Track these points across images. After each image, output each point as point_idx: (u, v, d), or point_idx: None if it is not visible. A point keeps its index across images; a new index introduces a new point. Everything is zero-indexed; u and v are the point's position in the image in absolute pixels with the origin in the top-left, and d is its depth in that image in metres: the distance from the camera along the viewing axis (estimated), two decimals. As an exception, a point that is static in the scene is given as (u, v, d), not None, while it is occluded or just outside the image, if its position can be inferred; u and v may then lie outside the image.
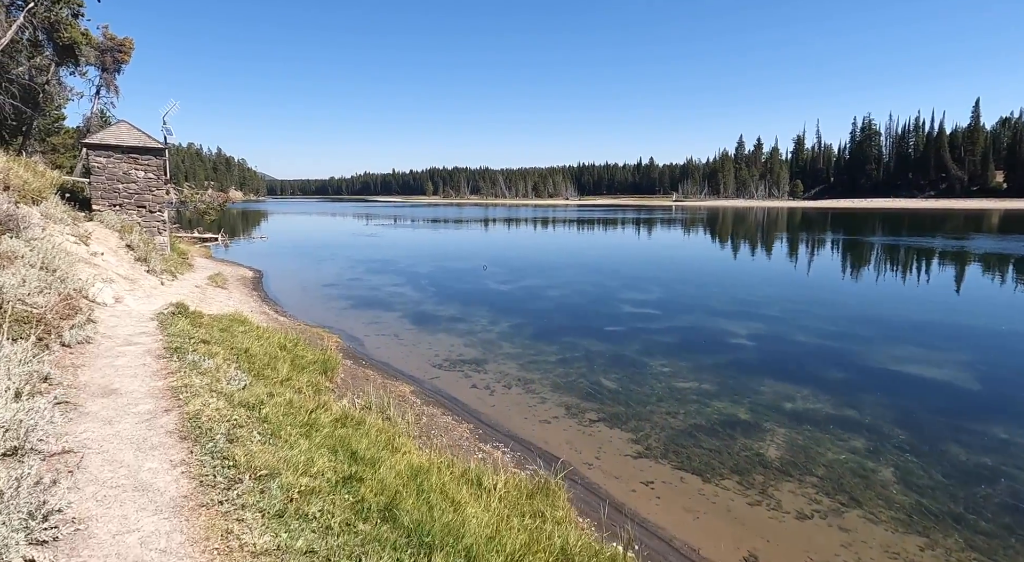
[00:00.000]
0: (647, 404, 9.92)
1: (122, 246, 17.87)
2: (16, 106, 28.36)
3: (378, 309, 17.97)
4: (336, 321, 16.16)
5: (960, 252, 33.30)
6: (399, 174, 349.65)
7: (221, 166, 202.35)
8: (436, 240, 46.91)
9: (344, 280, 23.85)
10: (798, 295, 20.69)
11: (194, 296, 16.68)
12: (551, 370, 11.85)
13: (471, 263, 29.91)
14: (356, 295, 20.29)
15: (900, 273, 26.63)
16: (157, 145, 22.12)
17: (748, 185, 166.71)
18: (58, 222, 16.07)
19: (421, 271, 26.72)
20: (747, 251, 37.46)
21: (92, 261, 14.98)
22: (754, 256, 34.56)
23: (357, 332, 14.97)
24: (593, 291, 21.49)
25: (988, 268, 27.45)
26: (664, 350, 13.38)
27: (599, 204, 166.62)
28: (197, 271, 22.47)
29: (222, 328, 10.71)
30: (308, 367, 9.47)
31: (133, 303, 13.32)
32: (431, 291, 21.23)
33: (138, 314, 10.87)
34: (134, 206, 21.93)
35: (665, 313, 17.50)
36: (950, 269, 27.44)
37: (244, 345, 9.35)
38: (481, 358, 12.71)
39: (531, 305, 18.83)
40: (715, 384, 10.96)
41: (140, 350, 7.70)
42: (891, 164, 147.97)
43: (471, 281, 23.87)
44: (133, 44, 34.30)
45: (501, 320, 16.49)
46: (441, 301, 19.35)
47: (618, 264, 29.76)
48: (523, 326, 15.79)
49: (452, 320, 16.49)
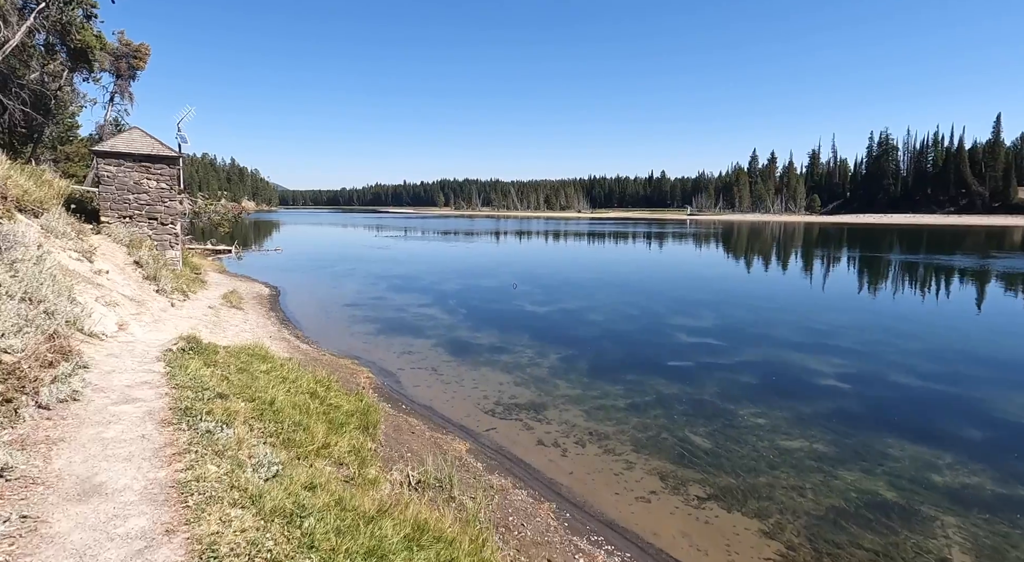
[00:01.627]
0: (759, 473, 8.04)
1: (130, 263, 16.31)
2: (26, 112, 27.18)
3: (408, 335, 16.22)
4: (364, 350, 14.42)
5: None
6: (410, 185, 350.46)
7: (235, 176, 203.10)
8: (455, 254, 45.27)
9: (367, 299, 22.16)
10: (868, 322, 18.71)
11: (207, 319, 15.04)
12: (624, 420, 10.00)
13: (498, 280, 28.16)
14: (382, 317, 18.57)
15: (973, 299, 24.54)
16: (171, 153, 20.67)
17: (764, 199, 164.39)
18: (60, 236, 14.53)
19: (447, 289, 25.00)
20: (787, 270, 35.45)
21: (95, 280, 13.38)
22: (797, 275, 32.54)
23: (389, 364, 13.20)
24: (638, 316, 19.63)
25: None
26: (747, 393, 11.48)
27: (611, 217, 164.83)
28: (210, 288, 20.88)
29: (240, 367, 9.00)
30: (346, 423, 7.69)
31: (139, 331, 11.67)
32: (462, 313, 19.47)
33: (143, 348, 9.18)
34: (145, 218, 20.45)
35: (729, 344, 15.60)
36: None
37: (268, 394, 7.61)
38: (538, 401, 10.88)
39: (575, 332, 17.00)
40: (829, 444, 9.06)
41: (140, 411, 5.97)
42: (909, 179, 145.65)
43: (503, 301, 22.10)
44: (149, 50, 33.25)
45: (548, 351, 14.68)
46: (476, 326, 17.57)
47: (655, 283, 27.88)
48: (574, 359, 13.96)
49: (493, 350, 14.70)
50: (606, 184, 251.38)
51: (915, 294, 25.47)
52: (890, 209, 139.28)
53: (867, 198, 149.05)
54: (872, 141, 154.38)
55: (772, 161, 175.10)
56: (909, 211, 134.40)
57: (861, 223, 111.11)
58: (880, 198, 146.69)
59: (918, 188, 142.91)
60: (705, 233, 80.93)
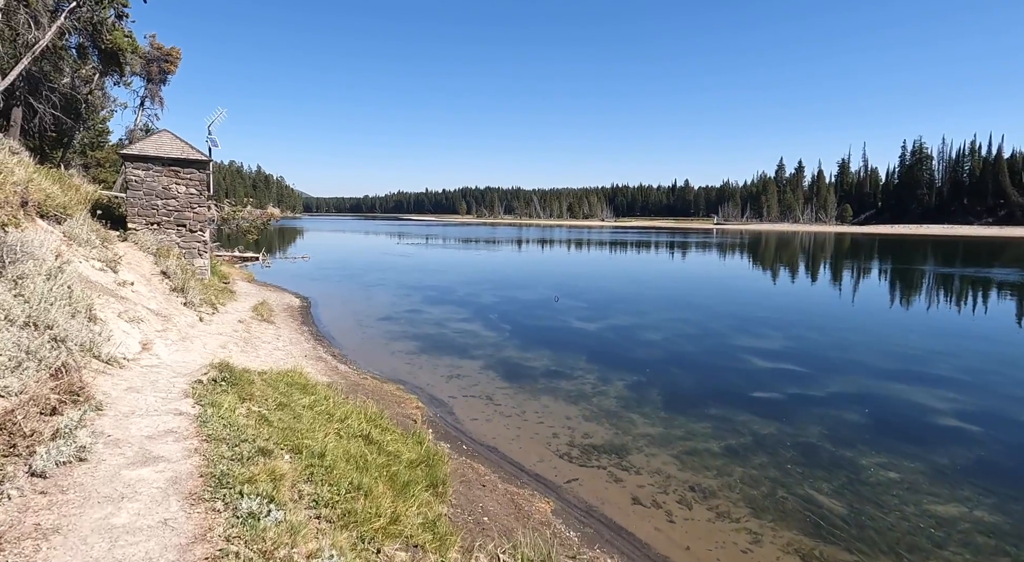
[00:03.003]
0: (926, 554, 6.37)
1: (156, 273, 15.21)
2: (57, 116, 26.65)
3: (453, 354, 14.79)
4: (408, 372, 13.02)
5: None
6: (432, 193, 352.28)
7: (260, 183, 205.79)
8: (486, 263, 43.94)
9: (402, 312, 20.84)
10: (958, 347, 16.75)
11: (238, 335, 13.82)
12: (726, 470, 8.39)
13: (536, 293, 26.66)
14: (421, 334, 17.18)
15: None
16: (201, 157, 19.70)
17: (793, 209, 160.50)
18: (83, 244, 13.46)
19: (485, 302, 23.57)
20: (839, 283, 33.28)
21: (119, 293, 12.24)
22: (852, 290, 30.39)
23: (439, 391, 11.76)
24: (699, 335, 17.93)
25: None
26: (860, 436, 9.77)
27: (635, 226, 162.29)
28: (240, 299, 19.78)
29: (280, 401, 7.65)
30: (412, 481, 6.24)
31: (164, 351, 10.43)
32: (506, 329, 17.99)
33: (168, 377, 7.88)
34: (173, 225, 19.46)
35: (811, 371, 13.85)
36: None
37: (316, 442, 6.22)
38: (616, 442, 9.33)
39: (634, 354, 15.40)
40: (994, 510, 7.33)
41: (163, 478, 4.59)
42: (944, 189, 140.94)
43: (547, 316, 20.58)
44: (180, 54, 32.71)
45: (610, 376, 13.11)
46: (524, 344, 16.07)
47: (704, 298, 26.09)
48: (642, 387, 12.36)
49: (549, 375, 13.18)
50: (628, 192, 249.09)
51: (991, 312, 23.27)
52: (923, 220, 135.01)
53: (900, 208, 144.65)
54: (905, 150, 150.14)
55: (799, 170, 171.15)
56: (944, 222, 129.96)
57: (896, 234, 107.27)
58: (913, 208, 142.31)
59: (954, 198, 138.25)
60: (735, 243, 78.48)
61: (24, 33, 21.47)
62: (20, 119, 25.60)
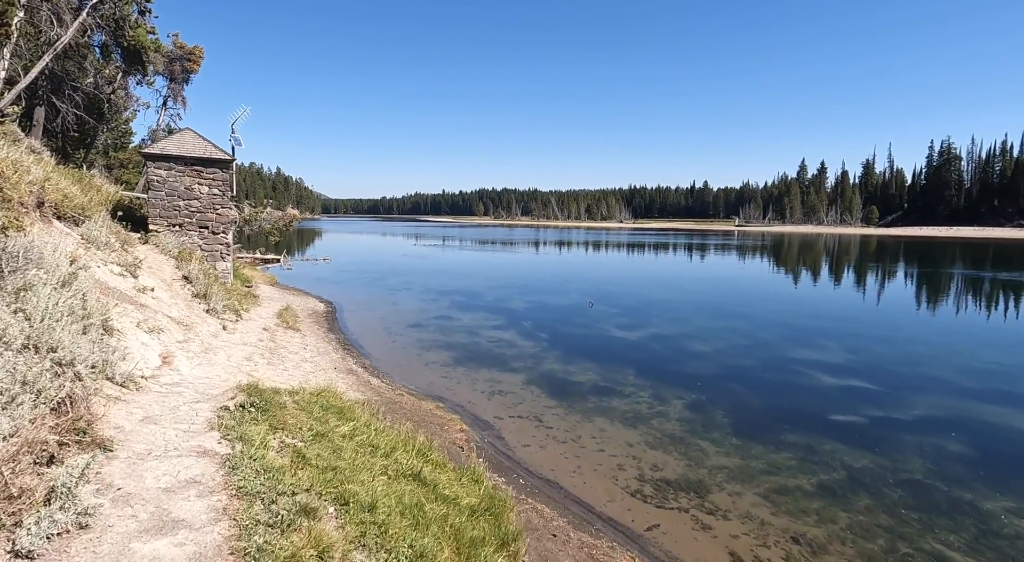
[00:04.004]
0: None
1: (178, 278, 14.39)
2: (80, 116, 26.22)
3: (491, 367, 13.73)
4: (446, 387, 11.99)
5: None
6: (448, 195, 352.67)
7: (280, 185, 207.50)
8: (510, 266, 42.87)
9: (431, 318, 19.84)
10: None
11: (263, 345, 12.92)
12: (828, 515, 7.18)
13: (568, 298, 25.51)
14: (454, 343, 16.16)
15: None
16: (225, 156, 18.93)
17: (817, 210, 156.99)
18: (102, 247, 12.67)
19: (516, 308, 22.49)
20: (886, 289, 31.57)
21: (138, 300, 11.39)
22: (902, 296, 28.70)
23: (482, 410, 10.71)
24: (751, 346, 16.65)
25: None
26: (972, 472, 8.48)
27: (655, 228, 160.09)
28: (263, 304, 18.96)
29: (316, 430, 6.65)
30: (479, 540, 5.17)
31: (186, 366, 9.53)
32: (543, 338, 16.89)
33: (191, 400, 6.94)
34: (195, 226, 18.71)
35: (890, 390, 12.52)
36: None
37: (363, 488, 5.20)
38: (692, 477, 8.16)
39: (686, 367, 14.20)
40: None
41: (184, 555, 3.57)
42: (974, 190, 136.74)
43: (583, 324, 19.43)
44: (203, 53, 32.22)
45: (665, 393, 11.94)
46: (565, 356, 14.96)
47: (746, 305, 24.70)
48: (705, 408, 11.17)
49: (599, 391, 12.04)
50: (646, 194, 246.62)
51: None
52: (951, 221, 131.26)
53: (926, 210, 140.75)
54: (932, 150, 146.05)
55: (822, 171, 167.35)
56: (973, 224, 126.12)
57: (926, 236, 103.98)
58: (941, 210, 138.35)
59: (983, 200, 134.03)
60: (760, 245, 76.43)
61: (46, 30, 20.96)
62: (43, 119, 25.19)
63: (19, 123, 22.60)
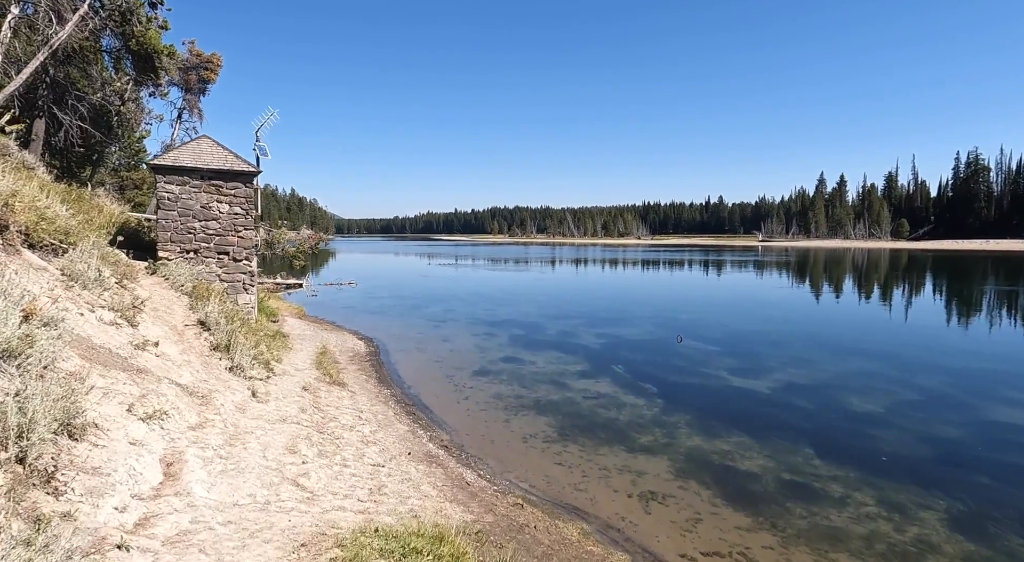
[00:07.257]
0: None
1: (192, 323, 10.95)
2: (85, 129, 23.27)
3: (612, 444, 10.05)
4: (573, 487, 8.32)
5: None
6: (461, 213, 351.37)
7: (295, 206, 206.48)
8: (549, 288, 39.19)
9: (496, 361, 16.25)
10: None
11: (307, 418, 9.36)
12: None
13: (642, 329, 21.82)
14: (543, 402, 12.50)
15: None
16: (248, 168, 15.67)
17: (844, 224, 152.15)
18: (90, 285, 9.23)
19: (589, 344, 18.83)
20: (975, 312, 27.54)
21: (136, 361, 7.91)
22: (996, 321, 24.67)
23: (651, 541, 7.03)
24: (925, 402, 12.85)
25: None
26: None
27: (674, 244, 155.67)
28: (295, 345, 15.51)
29: None
30: None
31: (201, 481, 5.94)
32: (654, 394, 13.15)
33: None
34: (213, 253, 15.38)
35: None
36: None
37: None
38: None
39: (880, 444, 10.44)
40: None
41: None
42: (1004, 202, 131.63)
43: (686, 369, 15.71)
44: (221, 61, 29.40)
45: (899, 498, 8.22)
46: (700, 423, 11.22)
47: (868, 341, 20.67)
48: (972, 522, 7.43)
49: (795, 494, 8.33)
50: (661, 210, 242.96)
51: None
52: (981, 234, 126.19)
53: (955, 222, 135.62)
54: (959, 161, 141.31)
55: (842, 184, 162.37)
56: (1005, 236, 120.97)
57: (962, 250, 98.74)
58: (970, 222, 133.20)
59: (1015, 211, 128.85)
60: (796, 261, 72.16)
61: (44, 28, 18.05)
62: (43, 132, 22.27)
63: (16, 136, 19.57)
